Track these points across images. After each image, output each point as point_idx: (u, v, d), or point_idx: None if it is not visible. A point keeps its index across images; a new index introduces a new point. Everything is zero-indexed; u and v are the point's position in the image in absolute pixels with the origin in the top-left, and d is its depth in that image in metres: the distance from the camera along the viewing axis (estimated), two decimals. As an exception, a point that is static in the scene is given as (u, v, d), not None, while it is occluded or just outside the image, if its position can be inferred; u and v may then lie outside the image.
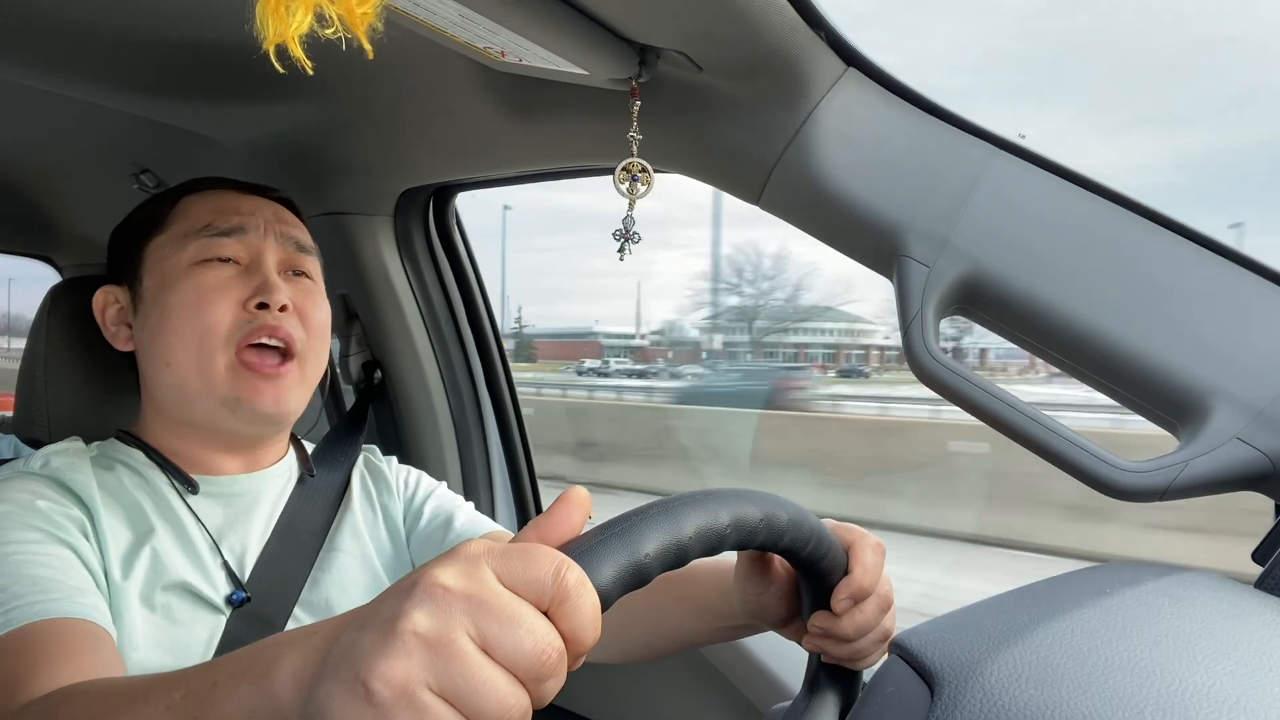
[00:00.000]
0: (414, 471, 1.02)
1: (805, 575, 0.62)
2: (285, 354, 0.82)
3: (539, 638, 0.36)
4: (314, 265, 0.90)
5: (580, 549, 0.41)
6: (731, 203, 0.83)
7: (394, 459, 1.03)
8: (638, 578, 0.42)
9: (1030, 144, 0.71)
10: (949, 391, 0.69)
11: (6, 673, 0.59)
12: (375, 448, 1.04)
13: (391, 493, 0.98)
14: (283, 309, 0.82)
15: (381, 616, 0.36)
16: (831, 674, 0.65)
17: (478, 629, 0.35)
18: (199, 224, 0.83)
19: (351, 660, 0.35)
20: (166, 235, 0.84)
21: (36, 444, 0.93)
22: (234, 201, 0.86)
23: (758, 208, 0.82)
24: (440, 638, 0.34)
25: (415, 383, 1.35)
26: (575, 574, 0.37)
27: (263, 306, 0.81)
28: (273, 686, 0.39)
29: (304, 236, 0.90)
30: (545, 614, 0.37)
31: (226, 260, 0.83)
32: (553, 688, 0.37)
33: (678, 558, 0.44)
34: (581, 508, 0.42)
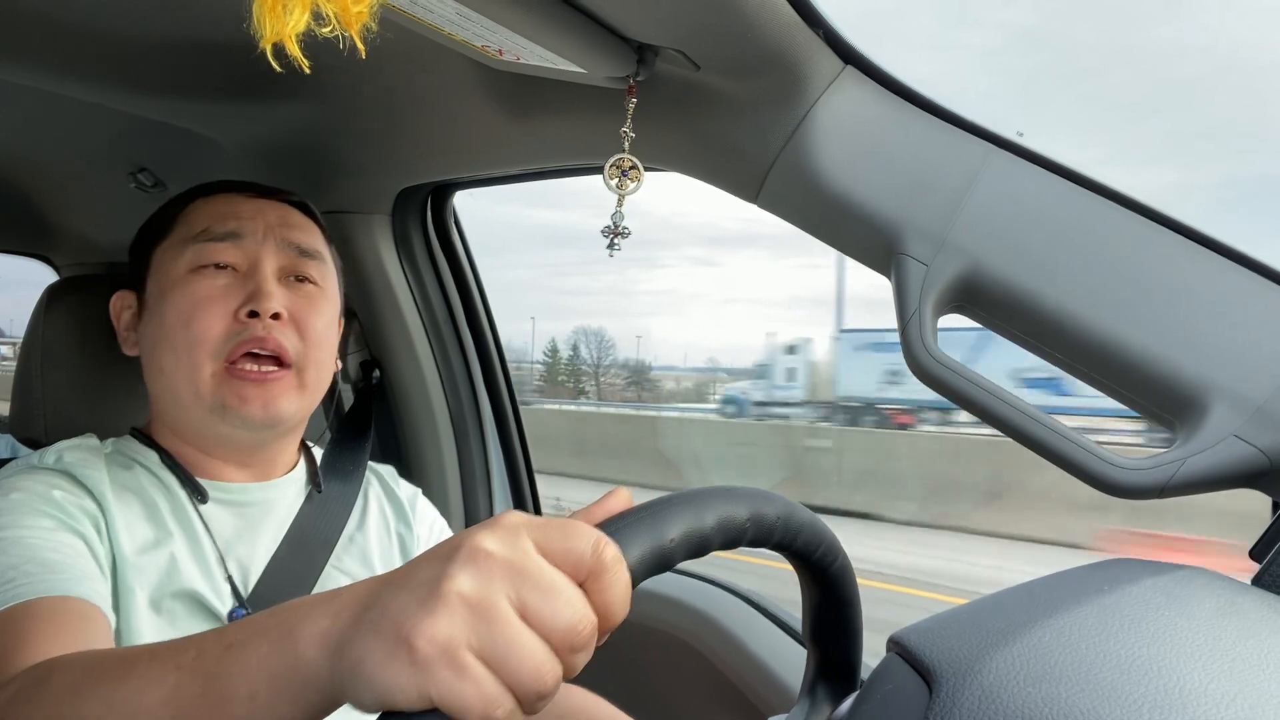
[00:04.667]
0: (440, 519, 1.01)
1: (812, 580, 0.62)
2: (279, 363, 0.81)
3: (575, 609, 0.36)
4: (320, 270, 0.87)
5: (613, 528, 0.42)
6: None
7: (419, 491, 1.02)
8: (661, 562, 0.43)
9: (1028, 142, 0.71)
10: (948, 390, 0.69)
11: (5, 644, 0.60)
12: (393, 469, 1.03)
13: (410, 527, 0.97)
14: (275, 317, 0.80)
15: (422, 577, 0.36)
16: (829, 679, 0.65)
17: (518, 595, 0.36)
18: (196, 229, 0.83)
19: (393, 618, 0.35)
20: (169, 241, 0.84)
21: (33, 444, 0.93)
22: (235, 206, 0.85)
23: (756, 205, 0.82)
24: (483, 600, 0.35)
25: (413, 381, 1.35)
26: (613, 550, 0.38)
27: (253, 315, 0.79)
28: (296, 646, 0.39)
29: (309, 241, 0.87)
30: (580, 586, 0.37)
31: (224, 267, 0.81)
32: (582, 660, 0.37)
33: (699, 547, 0.45)
34: (626, 505, 0.44)
